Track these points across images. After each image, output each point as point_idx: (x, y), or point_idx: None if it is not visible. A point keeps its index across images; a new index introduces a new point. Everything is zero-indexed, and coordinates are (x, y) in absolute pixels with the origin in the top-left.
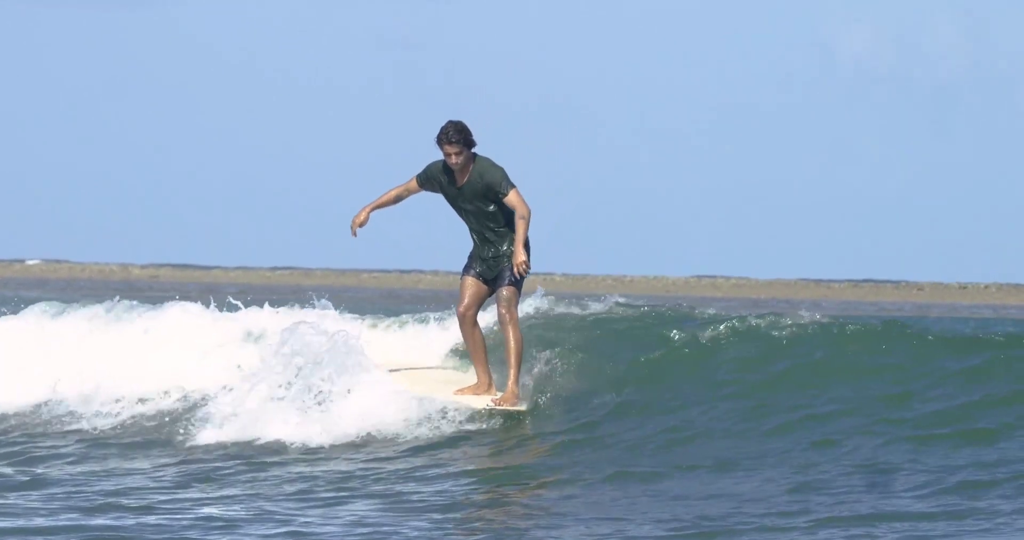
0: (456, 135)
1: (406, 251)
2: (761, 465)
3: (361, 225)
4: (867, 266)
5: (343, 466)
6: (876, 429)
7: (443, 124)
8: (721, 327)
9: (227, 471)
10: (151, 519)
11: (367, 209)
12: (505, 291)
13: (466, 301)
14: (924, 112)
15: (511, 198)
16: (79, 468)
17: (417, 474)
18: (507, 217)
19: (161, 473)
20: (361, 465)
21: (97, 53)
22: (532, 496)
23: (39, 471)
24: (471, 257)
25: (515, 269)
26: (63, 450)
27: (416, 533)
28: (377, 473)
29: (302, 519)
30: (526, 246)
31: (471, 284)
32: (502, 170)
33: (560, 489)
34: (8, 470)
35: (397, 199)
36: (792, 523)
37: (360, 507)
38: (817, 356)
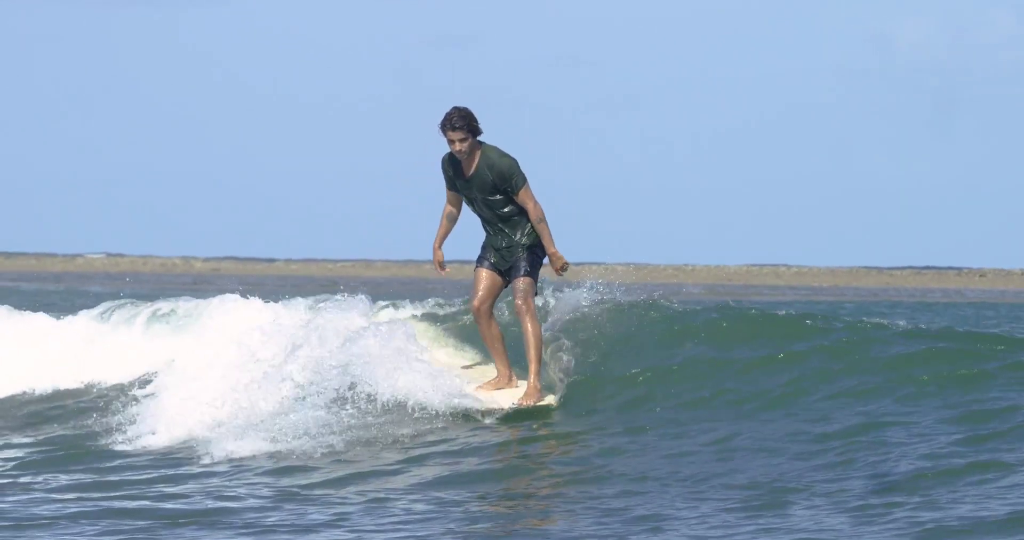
0: (460, 121)
1: (468, 240)
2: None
3: (442, 264)
4: (929, 253)
5: (387, 462)
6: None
7: (447, 110)
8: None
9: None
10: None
11: (436, 248)
12: (521, 282)
13: (480, 294)
14: (982, 102)
15: (522, 196)
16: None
17: (439, 471)
18: (519, 206)
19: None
20: (398, 463)
21: (160, 50)
22: (549, 494)
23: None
24: (484, 247)
25: (557, 272)
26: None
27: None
28: (415, 470)
29: (344, 516)
30: (538, 246)
31: (485, 276)
32: (513, 161)
33: (584, 487)
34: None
35: (452, 219)
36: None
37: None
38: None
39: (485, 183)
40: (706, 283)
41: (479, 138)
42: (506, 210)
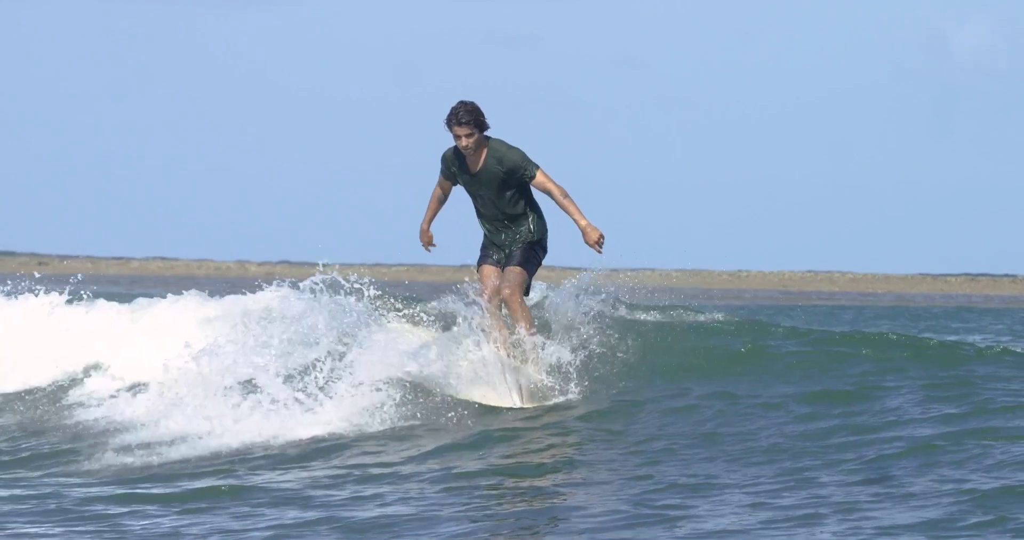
0: (466, 116)
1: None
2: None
3: (430, 242)
4: (983, 260)
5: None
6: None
7: (453, 105)
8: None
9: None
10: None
11: (424, 227)
12: (513, 272)
13: (490, 289)
14: None
15: (540, 180)
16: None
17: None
18: (527, 201)
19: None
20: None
21: (214, 53)
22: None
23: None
24: (485, 247)
25: (595, 246)
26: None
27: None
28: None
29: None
30: (539, 243)
31: (491, 272)
32: (521, 151)
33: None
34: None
35: (440, 202)
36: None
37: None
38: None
39: (494, 178)
40: (762, 289)
41: (486, 133)
42: (514, 208)
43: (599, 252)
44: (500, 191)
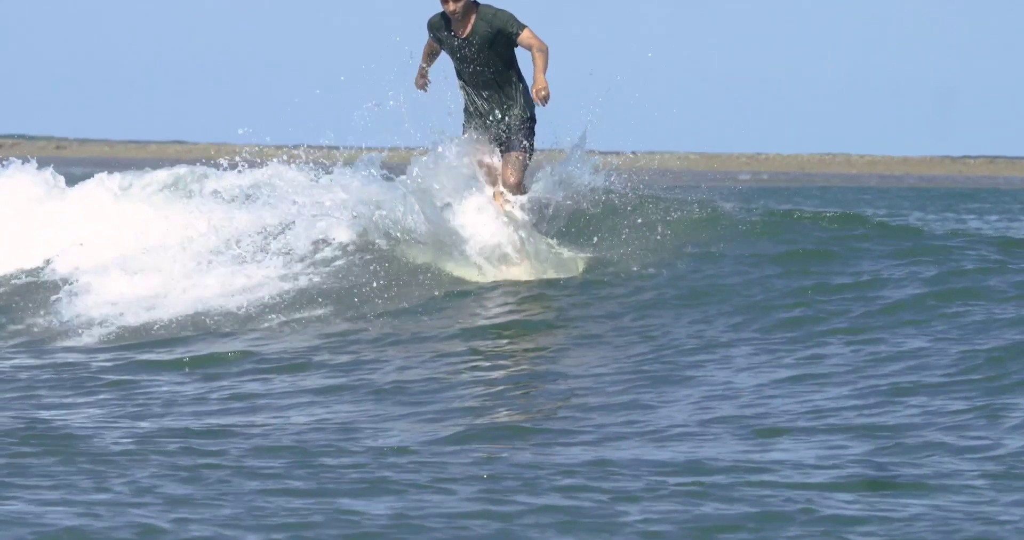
0: None
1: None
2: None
3: (425, 86)
4: (1005, 142)
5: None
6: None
7: None
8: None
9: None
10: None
11: (423, 70)
12: (516, 158)
13: (491, 173)
14: None
15: (525, 36)
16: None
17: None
18: (516, 70)
19: None
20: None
21: None
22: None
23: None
24: (471, 116)
25: (535, 96)
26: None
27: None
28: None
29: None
30: (533, 115)
31: (487, 151)
32: (509, 12)
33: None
34: None
35: (433, 56)
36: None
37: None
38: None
39: (484, 41)
40: (780, 171)
41: None
42: (505, 74)
43: (541, 104)
44: (491, 55)
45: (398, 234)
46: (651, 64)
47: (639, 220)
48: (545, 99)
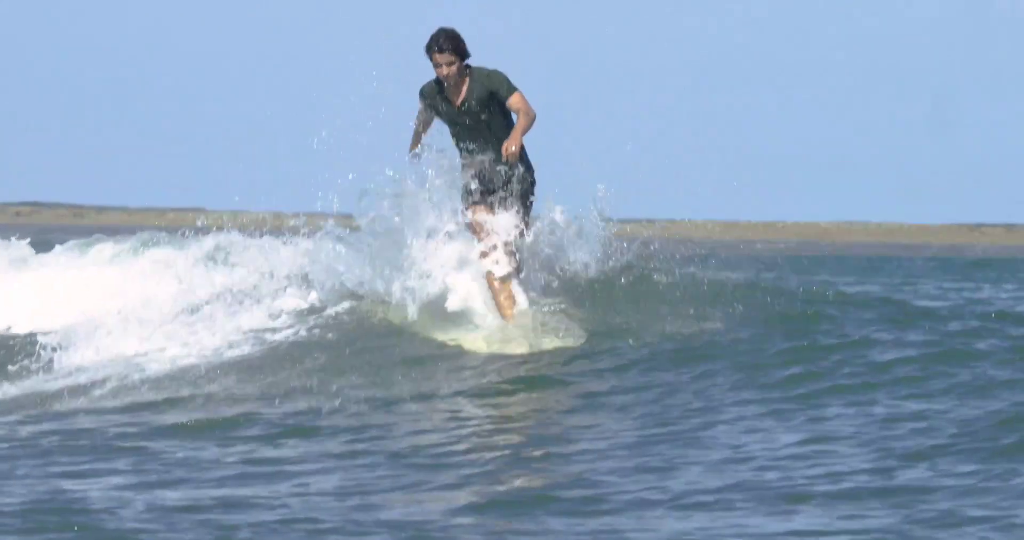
0: (448, 43)
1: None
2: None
3: (417, 156)
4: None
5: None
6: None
7: (433, 32)
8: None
9: None
10: None
11: (415, 141)
12: (505, 218)
13: (487, 236)
14: None
15: (514, 100)
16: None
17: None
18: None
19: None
20: None
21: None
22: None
23: None
24: (469, 184)
25: (504, 149)
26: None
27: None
28: None
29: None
30: (533, 183)
31: (485, 217)
32: (503, 74)
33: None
34: None
35: (426, 127)
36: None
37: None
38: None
39: (481, 103)
40: (797, 239)
41: (467, 62)
42: (506, 131)
43: (504, 157)
44: (490, 118)
45: (394, 297)
46: (667, 131)
47: (642, 286)
48: (512, 156)
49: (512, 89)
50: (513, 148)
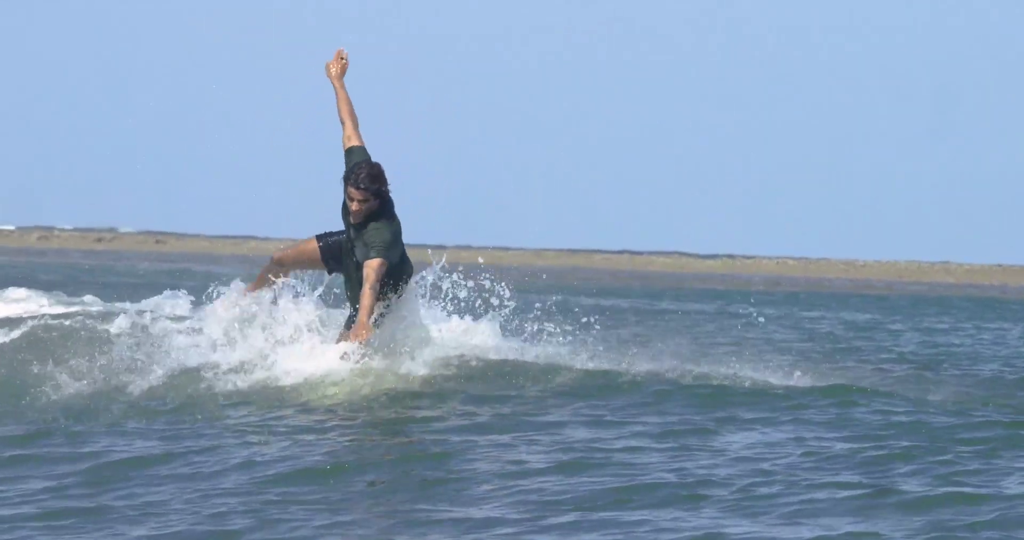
0: (367, 181)
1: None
2: None
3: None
4: None
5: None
6: None
7: (358, 162)
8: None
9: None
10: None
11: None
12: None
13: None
14: None
15: (369, 265)
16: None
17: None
18: (394, 278)
19: None
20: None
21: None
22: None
23: None
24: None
25: (352, 335)
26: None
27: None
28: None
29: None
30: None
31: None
32: (389, 238)
33: None
34: None
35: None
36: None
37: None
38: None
39: (362, 242)
40: (880, 279)
41: (383, 205)
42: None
43: (343, 356)
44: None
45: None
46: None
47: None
48: (360, 341)
49: (378, 254)
50: (363, 336)
